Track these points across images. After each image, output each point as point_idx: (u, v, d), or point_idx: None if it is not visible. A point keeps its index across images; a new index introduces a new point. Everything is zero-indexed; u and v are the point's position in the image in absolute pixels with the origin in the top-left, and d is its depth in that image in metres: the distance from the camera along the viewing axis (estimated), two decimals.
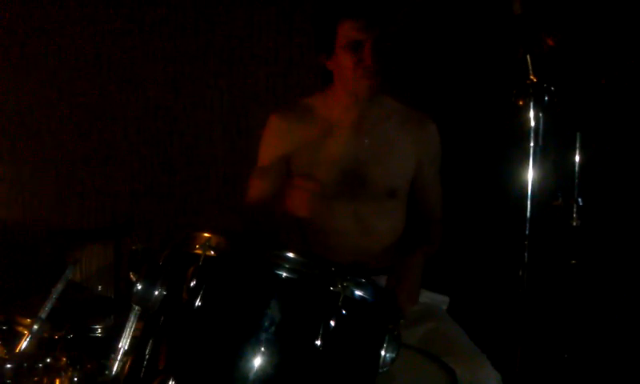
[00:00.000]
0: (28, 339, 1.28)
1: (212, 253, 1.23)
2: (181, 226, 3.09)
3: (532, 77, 1.18)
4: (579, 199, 1.49)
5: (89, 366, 1.26)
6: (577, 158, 1.50)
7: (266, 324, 1.19)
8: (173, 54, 3.10)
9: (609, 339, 2.52)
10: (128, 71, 3.08)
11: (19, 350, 1.27)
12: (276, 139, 2.25)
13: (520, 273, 1.25)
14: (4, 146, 3.01)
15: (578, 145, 1.49)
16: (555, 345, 2.40)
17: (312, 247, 2.26)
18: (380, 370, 1.32)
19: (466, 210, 2.29)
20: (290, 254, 1.22)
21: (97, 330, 1.76)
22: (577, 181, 1.49)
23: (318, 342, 1.18)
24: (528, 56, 1.18)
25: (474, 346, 1.95)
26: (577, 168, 1.49)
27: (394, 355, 1.32)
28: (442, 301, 2.28)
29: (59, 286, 1.36)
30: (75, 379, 1.22)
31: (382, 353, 1.31)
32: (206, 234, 1.25)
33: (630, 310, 2.54)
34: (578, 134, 1.48)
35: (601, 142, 1.97)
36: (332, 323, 1.19)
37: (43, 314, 1.30)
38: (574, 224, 1.49)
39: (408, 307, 2.07)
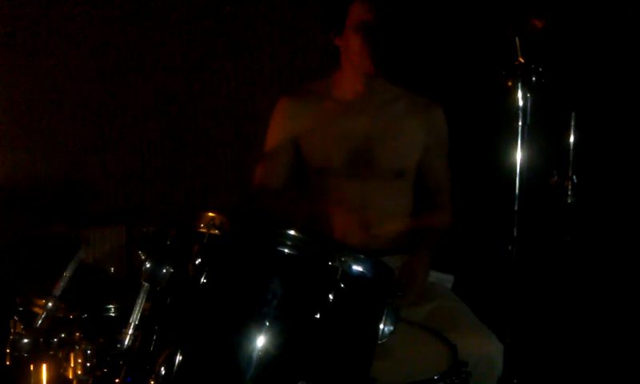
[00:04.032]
0: (44, 315, 1.35)
1: (216, 231, 1.29)
2: (190, 208, 3.15)
3: (520, 58, 1.22)
4: (574, 177, 1.52)
5: (101, 340, 1.32)
6: (571, 137, 1.53)
7: (269, 298, 1.24)
8: (180, 41, 3.14)
9: (604, 313, 2.55)
10: (137, 58, 3.12)
11: (36, 325, 1.33)
12: (285, 121, 2.30)
13: (510, 248, 1.30)
14: (18, 133, 3.06)
15: (572, 123, 1.53)
16: (550, 320, 2.44)
17: (320, 226, 2.32)
18: (379, 342, 1.38)
19: (461, 191, 2.34)
20: (291, 232, 1.28)
21: (110, 309, 1.81)
22: (571, 158, 1.53)
23: (318, 315, 1.23)
24: (516, 38, 1.22)
25: (480, 322, 1.99)
26: (571, 146, 1.52)
27: (392, 328, 1.37)
28: (446, 280, 2.33)
29: (72, 266, 1.42)
30: (88, 352, 1.29)
31: (381, 326, 1.36)
32: (210, 214, 1.31)
33: (625, 283, 2.57)
34: (573, 112, 1.51)
35: (595, 120, 2.00)
36: (331, 297, 1.24)
37: (57, 292, 1.37)
38: (569, 201, 1.52)
39: (419, 285, 2.13)
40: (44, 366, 1.72)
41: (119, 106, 3.16)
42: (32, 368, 1.75)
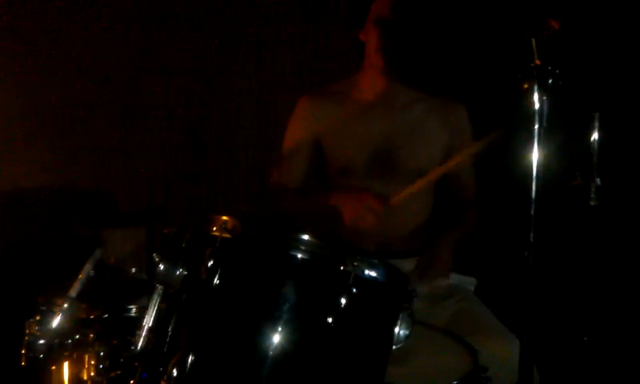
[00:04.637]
0: (59, 317, 1.36)
1: (228, 235, 1.29)
2: (212, 210, 3.16)
3: (537, 60, 1.20)
4: (597, 179, 1.49)
5: (115, 341, 1.33)
6: (595, 138, 1.50)
7: (280, 302, 1.24)
8: (201, 43, 3.15)
9: (629, 319, 2.49)
10: (158, 60, 3.14)
11: (51, 327, 1.35)
12: (305, 121, 2.30)
13: (526, 253, 1.27)
14: (42, 135, 3.10)
15: (596, 125, 1.49)
16: (573, 326, 2.39)
17: (340, 228, 2.31)
18: (394, 347, 1.36)
19: (478, 194, 2.31)
20: (303, 236, 1.28)
21: (131, 310, 1.83)
22: (595, 160, 1.49)
23: (330, 319, 1.23)
24: (533, 39, 1.20)
25: (502, 326, 1.96)
26: (595, 148, 1.49)
27: (407, 332, 1.36)
28: (469, 282, 2.30)
29: (88, 267, 1.44)
30: (101, 354, 1.30)
31: (396, 330, 1.35)
32: (222, 217, 1.32)
33: None
34: (597, 114, 1.48)
35: (620, 121, 1.96)
36: (343, 301, 1.23)
37: (74, 293, 1.38)
38: (592, 204, 1.49)
39: (439, 277, 2.11)
40: (65, 365, 1.73)
41: (142, 109, 3.18)
42: (53, 369, 1.76)
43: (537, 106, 1.22)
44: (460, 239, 2.20)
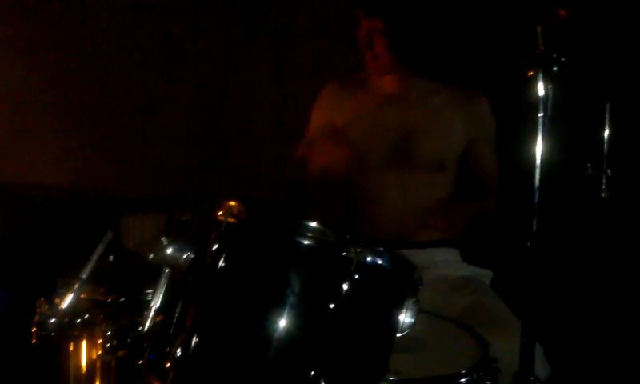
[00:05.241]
0: (70, 297, 1.40)
1: (233, 219, 1.31)
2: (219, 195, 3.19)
3: (541, 47, 1.19)
4: (608, 170, 1.47)
5: (123, 322, 1.36)
6: (606, 129, 1.48)
7: (283, 287, 1.24)
8: (222, 33, 3.18)
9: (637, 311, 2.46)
10: (180, 51, 3.18)
11: (61, 306, 1.38)
12: (326, 108, 2.33)
13: (528, 243, 1.26)
14: (68, 122, 3.16)
15: (607, 116, 1.47)
16: (580, 319, 2.36)
17: (358, 218, 2.32)
18: (399, 334, 1.36)
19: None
20: (307, 221, 1.28)
21: (148, 294, 1.86)
22: (606, 151, 1.48)
23: (332, 305, 1.23)
24: (538, 26, 1.19)
25: (516, 319, 1.95)
26: (606, 138, 1.47)
27: (412, 320, 1.36)
28: (485, 275, 2.30)
29: (100, 248, 1.47)
30: (108, 333, 1.33)
31: (401, 318, 1.35)
32: (228, 202, 1.33)
33: None
34: (608, 104, 1.46)
35: (632, 112, 1.93)
36: (345, 287, 1.24)
37: (84, 274, 1.42)
38: (603, 195, 1.47)
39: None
40: (83, 345, 1.76)
41: (165, 99, 3.22)
42: (71, 350, 1.80)
43: (541, 93, 1.21)
44: (474, 214, 2.20)
